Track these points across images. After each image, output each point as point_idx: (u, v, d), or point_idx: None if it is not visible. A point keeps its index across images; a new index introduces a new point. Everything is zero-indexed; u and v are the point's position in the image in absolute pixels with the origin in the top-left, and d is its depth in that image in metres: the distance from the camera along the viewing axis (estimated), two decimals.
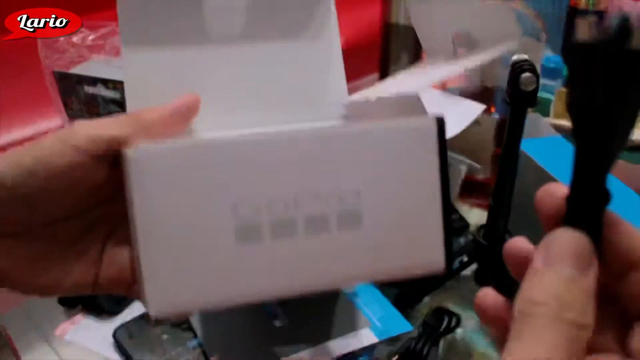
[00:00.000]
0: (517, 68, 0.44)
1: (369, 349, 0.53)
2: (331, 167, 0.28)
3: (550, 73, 0.86)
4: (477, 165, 0.70)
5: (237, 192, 0.28)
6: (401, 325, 0.55)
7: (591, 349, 0.22)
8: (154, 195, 0.27)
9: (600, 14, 0.92)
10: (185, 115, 0.32)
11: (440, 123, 0.30)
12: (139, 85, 0.34)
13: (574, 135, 0.22)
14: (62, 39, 0.77)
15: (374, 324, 0.55)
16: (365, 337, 0.54)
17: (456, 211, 0.70)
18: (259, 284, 0.28)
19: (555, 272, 0.21)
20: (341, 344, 0.53)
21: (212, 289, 0.28)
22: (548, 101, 0.77)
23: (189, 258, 0.27)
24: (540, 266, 0.22)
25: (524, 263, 0.23)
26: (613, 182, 0.23)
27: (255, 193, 0.28)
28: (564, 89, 0.78)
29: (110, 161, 0.29)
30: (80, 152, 0.29)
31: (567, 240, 0.22)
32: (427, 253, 0.29)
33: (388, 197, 0.29)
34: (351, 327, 0.55)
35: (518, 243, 0.25)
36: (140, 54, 0.33)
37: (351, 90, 0.41)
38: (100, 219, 0.32)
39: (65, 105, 0.80)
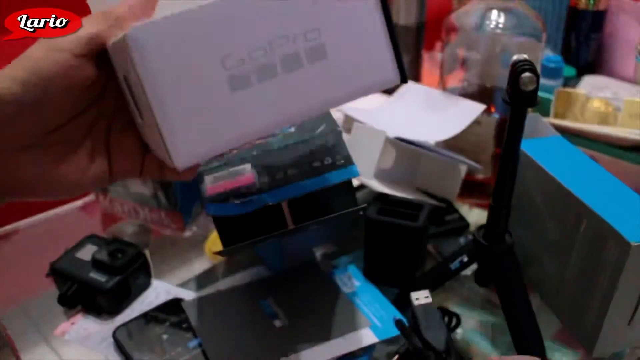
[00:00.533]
0: (517, 68, 0.44)
1: (369, 349, 0.53)
2: (293, 12, 0.34)
3: (550, 73, 0.86)
4: (477, 165, 0.70)
5: (223, 48, 0.32)
6: None
7: None
8: (157, 65, 0.31)
9: (600, 14, 0.92)
10: (149, 2, 0.36)
11: None
12: None
13: None
14: None
15: (374, 324, 0.55)
16: (365, 337, 0.54)
17: (456, 211, 0.70)
18: (258, 121, 0.34)
19: None
20: (341, 344, 0.53)
21: (221, 134, 0.33)
22: (548, 101, 0.76)
23: (197, 113, 0.32)
24: None
25: None
26: (613, 182, 0.23)
27: (238, 45, 0.33)
28: (563, 89, 0.78)
29: (94, 59, 0.34)
30: (65, 54, 0.33)
31: None
32: (382, 70, 0.36)
33: (343, 30, 0.35)
34: (351, 327, 0.55)
35: None
36: None
37: None
38: (97, 116, 0.37)
39: None
